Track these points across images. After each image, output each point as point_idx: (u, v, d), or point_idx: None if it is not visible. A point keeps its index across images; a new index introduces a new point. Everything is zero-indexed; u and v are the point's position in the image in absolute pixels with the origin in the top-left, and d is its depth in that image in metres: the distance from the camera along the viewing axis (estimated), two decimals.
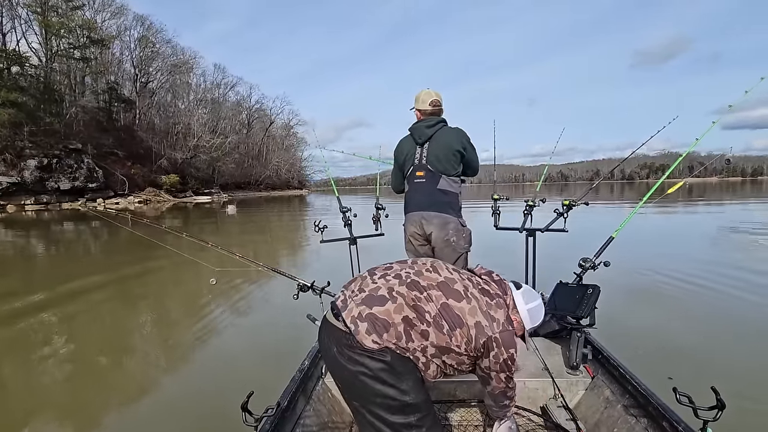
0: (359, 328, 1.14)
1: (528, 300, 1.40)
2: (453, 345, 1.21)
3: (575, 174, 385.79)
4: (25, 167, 31.46)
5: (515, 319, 1.37)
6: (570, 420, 1.87)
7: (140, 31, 49.98)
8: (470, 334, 1.22)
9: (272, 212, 25.78)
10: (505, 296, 1.36)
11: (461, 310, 1.22)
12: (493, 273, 1.43)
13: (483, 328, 1.23)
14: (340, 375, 1.22)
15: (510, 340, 1.26)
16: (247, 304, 5.38)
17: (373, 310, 1.16)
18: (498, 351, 1.24)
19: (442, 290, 1.25)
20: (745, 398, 2.48)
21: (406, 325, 1.17)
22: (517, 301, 1.38)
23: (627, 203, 23.69)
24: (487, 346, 1.24)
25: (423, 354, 1.19)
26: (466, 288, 1.28)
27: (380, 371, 1.14)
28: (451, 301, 1.23)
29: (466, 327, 1.22)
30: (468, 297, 1.25)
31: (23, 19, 36.89)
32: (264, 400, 1.47)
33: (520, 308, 1.38)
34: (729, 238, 9.83)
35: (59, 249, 11.68)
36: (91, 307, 5.54)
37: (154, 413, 2.79)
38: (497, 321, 1.26)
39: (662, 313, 4.43)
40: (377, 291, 1.21)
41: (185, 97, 58.51)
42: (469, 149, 2.39)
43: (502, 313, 1.29)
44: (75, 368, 3.59)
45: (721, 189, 47.14)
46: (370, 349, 1.13)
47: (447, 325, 1.20)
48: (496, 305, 1.29)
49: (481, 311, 1.25)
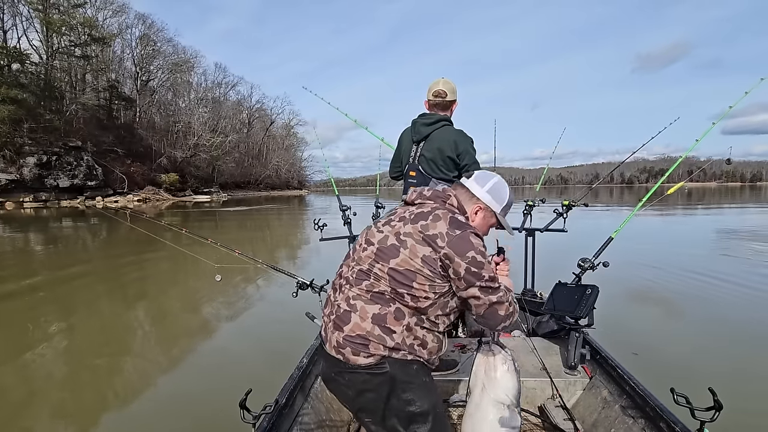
0: (346, 354, 1.13)
1: (483, 182, 1.29)
2: (423, 301, 1.13)
3: (575, 177, 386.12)
4: (24, 164, 31.41)
5: (474, 211, 1.27)
6: (568, 420, 1.87)
7: (141, 29, 50.06)
8: (426, 273, 1.11)
9: (271, 212, 25.77)
10: (445, 202, 1.24)
11: (404, 261, 1.12)
12: (434, 188, 1.30)
13: (429, 257, 1.11)
14: (345, 397, 1.21)
15: (461, 243, 1.11)
16: (246, 302, 5.38)
17: (345, 332, 1.13)
18: (454, 265, 1.10)
19: (381, 259, 1.15)
20: (742, 399, 2.49)
21: (377, 324, 1.12)
22: (473, 191, 1.28)
23: (626, 207, 23.71)
24: (445, 268, 1.12)
25: (411, 334, 1.14)
26: (398, 233, 1.17)
27: (381, 385, 1.12)
28: (392, 263, 1.13)
29: (418, 273, 1.11)
30: (403, 242, 1.14)
31: (24, 17, 36.98)
32: (262, 398, 1.46)
33: (479, 195, 1.27)
34: (727, 242, 9.85)
35: (58, 246, 11.66)
36: (90, 306, 5.53)
37: (152, 410, 2.78)
38: (440, 235, 1.12)
39: (661, 314, 4.44)
40: (340, 309, 1.18)
41: (186, 95, 58.50)
42: (466, 157, 2.17)
43: (442, 223, 1.14)
44: (73, 367, 3.58)
45: (720, 194, 47.20)
46: (367, 365, 1.11)
47: (405, 289, 1.11)
48: (433, 220, 1.16)
49: (419, 242, 1.13)
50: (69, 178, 33.81)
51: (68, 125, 36.73)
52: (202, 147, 52.98)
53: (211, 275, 2.64)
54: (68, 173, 33.88)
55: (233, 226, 16.47)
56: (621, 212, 19.32)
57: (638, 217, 3.10)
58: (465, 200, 1.28)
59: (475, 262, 1.10)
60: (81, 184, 34.65)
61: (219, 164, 57.26)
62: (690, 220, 16.33)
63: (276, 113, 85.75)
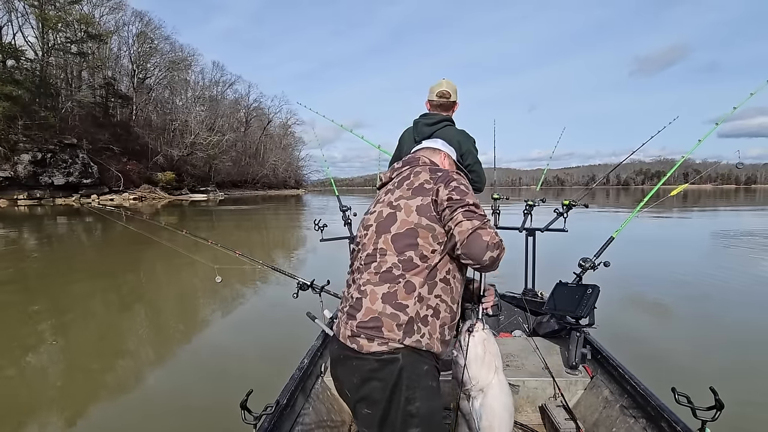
0: (360, 342, 1.12)
1: (435, 143, 1.49)
2: (432, 255, 1.15)
3: (571, 179, 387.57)
4: (19, 161, 31.16)
5: (443, 159, 1.42)
6: (569, 419, 1.88)
7: (139, 26, 49.78)
8: (425, 223, 1.16)
9: (268, 211, 25.68)
10: (418, 160, 1.35)
11: (403, 222, 1.18)
12: (405, 158, 1.42)
13: (422, 205, 1.18)
14: (349, 384, 1.18)
15: (444, 177, 1.22)
16: (246, 303, 5.36)
17: (358, 319, 1.13)
18: (440, 195, 1.17)
19: (381, 232, 1.20)
20: (743, 399, 2.50)
21: (388, 303, 1.12)
22: (434, 146, 1.45)
23: (622, 210, 23.81)
24: (437, 205, 1.18)
25: (424, 303, 1.13)
26: (390, 203, 1.24)
27: (389, 376, 1.09)
28: (393, 229, 1.18)
29: (418, 227, 1.16)
30: (396, 206, 1.21)
31: (20, 13, 36.64)
32: (263, 399, 1.46)
33: (439, 146, 1.45)
34: (727, 243, 9.91)
35: (53, 245, 11.57)
36: (88, 306, 5.49)
37: (153, 411, 2.77)
38: (425, 181, 1.23)
39: (662, 314, 4.46)
40: (353, 298, 1.19)
41: (183, 93, 58.24)
42: (468, 157, 2.17)
43: (425, 174, 1.25)
44: (72, 367, 3.56)
45: (715, 196, 47.56)
46: (379, 353, 1.10)
47: (411, 249, 1.15)
48: (415, 175, 1.27)
49: (410, 198, 1.20)
50: (64, 175, 33.58)
51: (64, 122, 36.45)
52: (198, 145, 52.75)
53: (211, 276, 2.63)
54: (63, 171, 33.63)
55: (230, 227, 16.39)
56: (617, 214, 19.41)
57: (638, 219, 3.12)
58: (432, 155, 1.41)
59: (459, 189, 1.18)
60: (76, 181, 34.42)
61: (216, 163, 57.04)
62: (689, 222, 16.43)
63: (273, 112, 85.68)
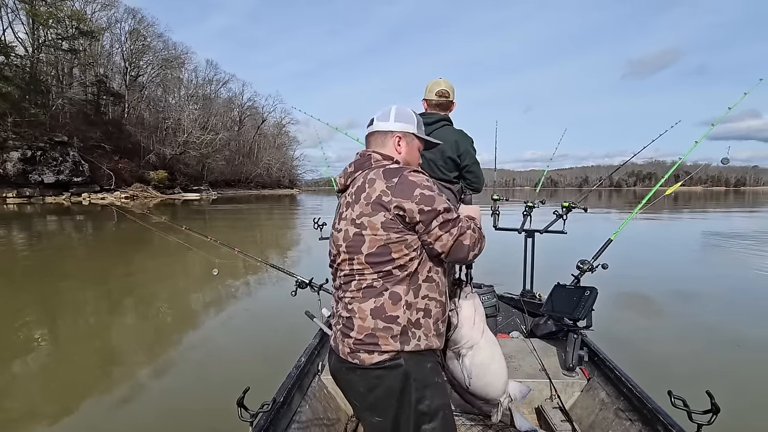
0: (361, 357, 1.12)
1: (386, 118, 1.26)
2: (410, 263, 1.11)
3: (564, 180, 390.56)
4: (8, 159, 30.66)
5: (396, 143, 1.24)
6: (565, 421, 1.88)
7: (131, 24, 49.20)
8: (394, 237, 1.09)
9: (262, 211, 25.57)
10: (370, 162, 1.20)
11: (372, 241, 1.10)
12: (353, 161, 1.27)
13: (386, 221, 1.09)
14: (355, 394, 1.19)
15: (403, 188, 1.09)
16: (244, 300, 5.34)
17: (353, 337, 1.13)
18: (408, 212, 1.08)
19: (353, 253, 1.14)
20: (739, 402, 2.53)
21: (377, 317, 1.11)
22: (383, 129, 1.25)
23: (614, 211, 24.03)
24: (403, 219, 1.09)
25: (413, 308, 1.12)
26: (353, 220, 1.14)
27: (395, 381, 1.11)
28: (364, 249, 1.11)
29: (388, 242, 1.09)
30: (359, 224, 1.12)
31: (10, 8, 36.04)
32: (260, 396, 1.46)
33: (390, 128, 1.24)
34: (719, 245, 10.05)
35: (42, 242, 11.41)
36: (86, 305, 5.42)
37: (150, 409, 2.74)
38: (382, 192, 1.10)
39: (659, 317, 4.50)
40: (343, 317, 1.18)
41: (176, 92, 57.68)
42: (467, 158, 2.15)
43: (379, 182, 1.12)
44: (71, 367, 3.51)
45: (705, 198, 48.21)
46: (381, 362, 1.11)
47: (389, 265, 1.10)
48: (370, 185, 1.13)
49: (371, 214, 1.10)
50: (54, 173, 33.09)
51: (54, 120, 35.94)
52: (191, 144, 52.33)
53: (208, 271, 2.61)
54: (53, 169, 33.15)
55: (224, 226, 16.28)
56: (611, 216, 19.59)
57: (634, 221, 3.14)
58: (382, 144, 1.25)
59: (424, 198, 1.09)
60: (67, 180, 33.94)
61: (209, 162, 56.63)
62: (682, 224, 16.63)
63: (268, 111, 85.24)
